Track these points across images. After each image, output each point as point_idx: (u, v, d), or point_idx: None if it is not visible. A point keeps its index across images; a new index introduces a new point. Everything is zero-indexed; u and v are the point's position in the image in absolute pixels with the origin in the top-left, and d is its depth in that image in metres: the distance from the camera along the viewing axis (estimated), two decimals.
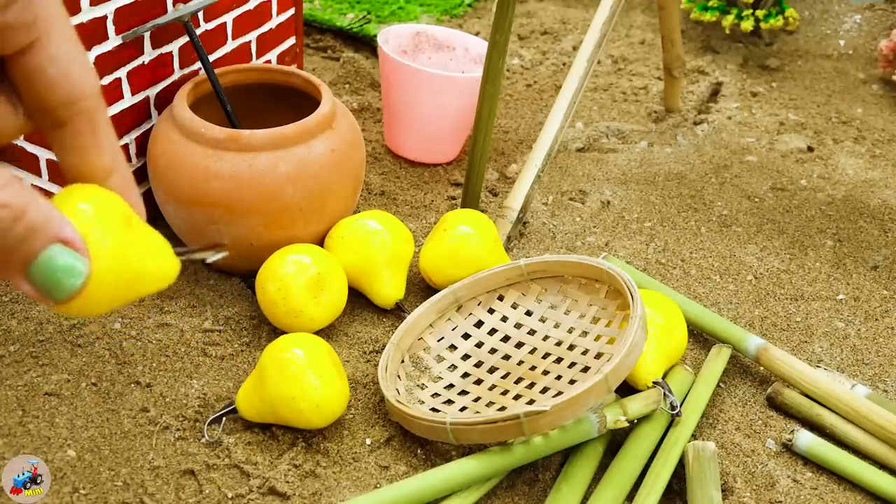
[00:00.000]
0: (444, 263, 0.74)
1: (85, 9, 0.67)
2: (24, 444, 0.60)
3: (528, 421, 0.58)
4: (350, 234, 0.73)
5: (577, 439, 0.61)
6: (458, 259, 0.73)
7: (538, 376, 0.68)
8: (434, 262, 0.75)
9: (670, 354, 0.69)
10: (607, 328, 0.69)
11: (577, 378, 0.66)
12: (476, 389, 0.68)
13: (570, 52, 1.26)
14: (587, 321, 0.71)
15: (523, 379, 0.68)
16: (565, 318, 0.72)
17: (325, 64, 1.16)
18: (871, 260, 0.89)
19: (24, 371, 0.66)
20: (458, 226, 0.75)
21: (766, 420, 0.69)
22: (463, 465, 0.59)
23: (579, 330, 0.71)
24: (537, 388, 0.66)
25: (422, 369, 0.69)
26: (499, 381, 0.68)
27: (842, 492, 0.64)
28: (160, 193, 0.72)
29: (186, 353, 0.69)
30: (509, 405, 0.64)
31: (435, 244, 0.75)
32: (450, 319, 0.73)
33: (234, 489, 0.59)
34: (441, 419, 0.60)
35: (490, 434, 0.59)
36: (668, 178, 0.99)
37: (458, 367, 0.70)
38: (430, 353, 0.71)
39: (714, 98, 1.19)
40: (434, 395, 0.67)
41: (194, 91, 0.75)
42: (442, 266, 0.74)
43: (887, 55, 1.23)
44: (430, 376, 0.69)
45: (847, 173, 1.03)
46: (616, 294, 0.70)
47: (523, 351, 0.71)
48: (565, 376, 0.67)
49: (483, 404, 0.66)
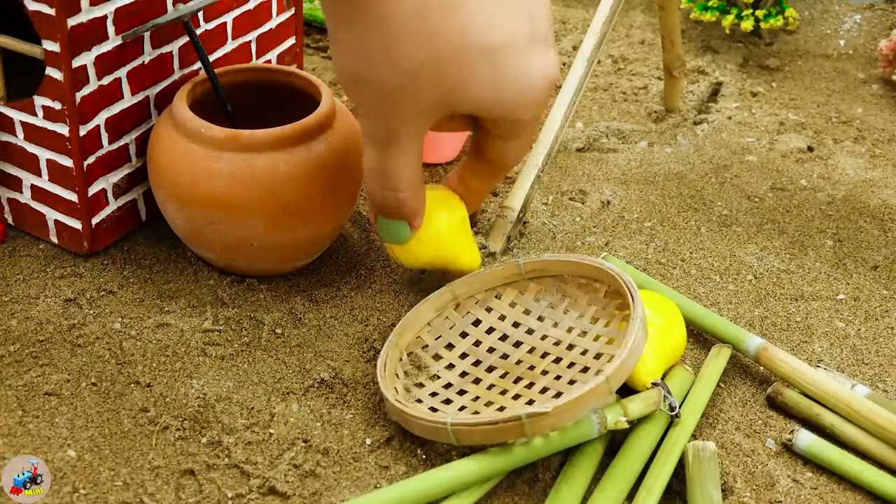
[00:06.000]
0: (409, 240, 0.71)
1: (85, 9, 0.67)
2: (24, 444, 0.60)
3: (529, 422, 0.58)
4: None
5: (577, 440, 0.61)
6: (420, 236, 0.68)
7: (537, 376, 0.68)
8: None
9: (669, 355, 0.69)
10: (606, 328, 0.69)
11: (577, 378, 0.66)
12: (474, 388, 0.68)
13: (570, 52, 1.26)
14: (586, 321, 0.71)
15: (522, 378, 0.68)
16: (564, 317, 0.72)
17: (325, 64, 1.16)
18: (871, 260, 0.89)
19: (24, 371, 0.66)
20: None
21: (766, 420, 0.69)
22: (463, 465, 0.59)
23: (578, 329, 0.71)
24: (536, 388, 0.66)
25: (420, 367, 0.69)
26: (497, 381, 0.68)
27: (842, 492, 0.64)
28: (160, 193, 0.72)
29: (186, 353, 0.69)
30: (509, 405, 0.64)
31: None
32: (447, 318, 0.73)
33: (234, 489, 0.59)
34: (442, 419, 0.60)
35: (491, 435, 0.59)
36: (668, 178, 0.99)
37: (455, 366, 0.70)
38: (428, 351, 0.71)
39: (714, 98, 1.19)
40: (432, 394, 0.67)
41: (194, 91, 0.75)
42: (406, 243, 0.70)
43: (887, 55, 1.23)
44: (427, 375, 0.69)
45: (847, 173, 1.03)
46: (615, 294, 0.70)
47: (522, 350, 0.71)
48: (564, 376, 0.66)
49: (482, 403, 0.66)
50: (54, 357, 0.67)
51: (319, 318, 0.74)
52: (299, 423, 0.64)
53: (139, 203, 0.79)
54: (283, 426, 0.64)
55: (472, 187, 0.67)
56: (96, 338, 0.70)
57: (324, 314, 0.74)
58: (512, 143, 0.61)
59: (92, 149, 0.72)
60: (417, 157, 0.60)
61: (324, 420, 0.65)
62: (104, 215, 0.76)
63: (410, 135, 0.57)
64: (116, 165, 0.75)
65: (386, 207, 0.62)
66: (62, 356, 0.68)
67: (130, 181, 0.77)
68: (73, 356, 0.68)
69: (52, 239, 0.77)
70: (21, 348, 0.68)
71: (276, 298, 0.75)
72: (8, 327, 0.70)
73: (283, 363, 0.69)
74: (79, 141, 0.71)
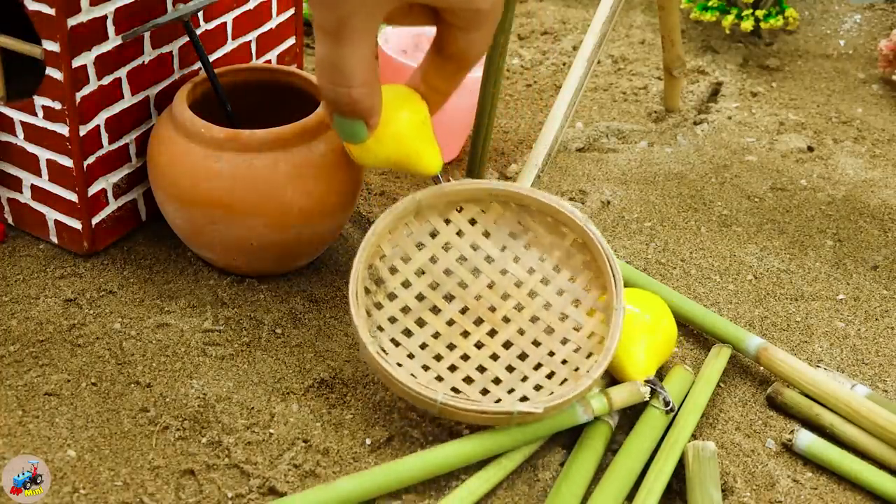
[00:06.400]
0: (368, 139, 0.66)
1: (85, 9, 0.67)
2: (24, 444, 0.60)
3: (518, 418, 0.61)
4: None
5: (565, 425, 0.63)
6: (379, 135, 0.64)
7: (498, 322, 0.68)
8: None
9: (661, 350, 0.69)
10: (571, 283, 0.69)
11: (556, 350, 0.67)
12: (434, 320, 0.68)
13: (570, 52, 1.26)
14: (549, 266, 0.70)
15: (483, 321, 0.68)
16: (525, 252, 0.71)
17: None
18: (871, 260, 0.89)
19: (24, 371, 0.66)
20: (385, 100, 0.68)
21: (766, 420, 0.69)
22: (454, 446, 0.61)
23: (540, 274, 0.70)
24: (498, 340, 0.67)
25: (377, 282, 0.68)
26: (458, 317, 0.68)
27: (842, 492, 0.64)
28: (160, 193, 0.72)
29: (186, 353, 0.69)
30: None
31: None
32: (406, 225, 0.71)
33: (234, 489, 0.59)
34: (432, 396, 0.61)
35: (478, 420, 0.61)
36: (668, 178, 0.99)
37: (412, 284, 0.69)
38: (385, 262, 0.69)
39: (714, 98, 1.19)
40: (391, 318, 0.67)
41: (194, 91, 0.75)
42: (364, 143, 0.66)
43: (887, 55, 1.23)
44: (384, 292, 0.68)
45: (847, 173, 1.03)
46: (582, 248, 0.70)
47: (481, 281, 0.70)
48: (528, 333, 0.68)
49: (444, 345, 0.67)
50: (54, 357, 0.67)
51: (319, 318, 0.74)
52: (299, 423, 0.64)
53: (139, 203, 0.79)
54: (283, 426, 0.64)
55: (435, 86, 0.63)
56: (96, 338, 0.70)
57: (324, 314, 0.74)
58: (473, 36, 0.58)
59: (92, 149, 0.72)
60: (370, 52, 0.56)
61: (324, 420, 0.65)
62: (104, 215, 0.76)
63: (362, 26, 0.54)
64: (116, 165, 0.75)
65: (339, 105, 0.58)
66: (62, 356, 0.68)
67: (130, 181, 0.77)
68: (73, 356, 0.68)
69: (52, 239, 0.77)
70: (21, 348, 0.68)
71: (276, 298, 0.75)
72: (8, 327, 0.70)
73: (283, 363, 0.69)
74: (79, 141, 0.71)
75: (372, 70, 0.57)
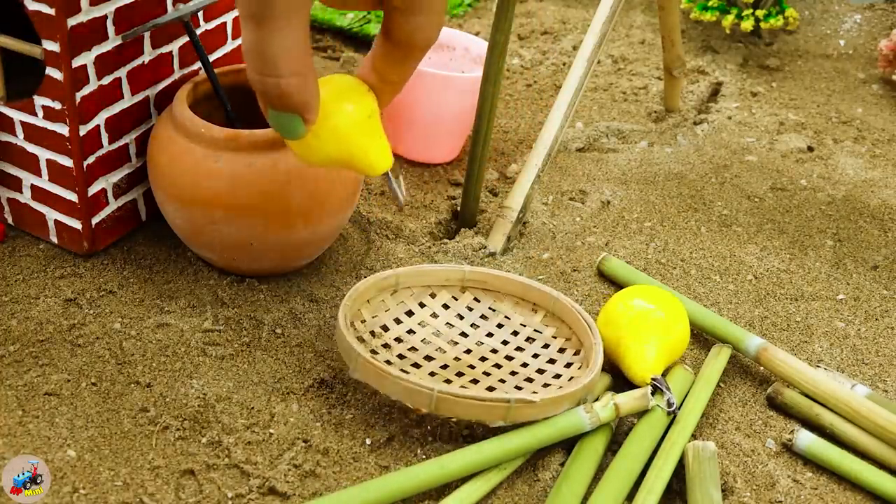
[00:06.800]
0: (307, 135, 0.61)
1: (85, 9, 0.67)
2: (24, 444, 0.60)
3: (515, 407, 0.60)
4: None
5: (570, 433, 0.63)
6: (318, 130, 0.59)
7: (479, 375, 0.68)
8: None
9: (671, 351, 0.69)
10: (546, 349, 0.71)
11: (546, 381, 0.68)
12: (416, 371, 0.68)
13: (570, 52, 1.26)
14: (522, 339, 0.72)
15: (464, 374, 0.68)
16: (498, 329, 0.73)
17: (325, 64, 1.16)
18: (871, 260, 0.89)
19: (24, 371, 0.66)
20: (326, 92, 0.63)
21: (766, 420, 0.69)
22: (459, 455, 0.60)
23: (515, 344, 0.72)
24: (482, 386, 0.67)
25: (359, 340, 0.69)
26: (438, 370, 0.68)
27: (842, 492, 0.64)
28: (160, 193, 0.72)
29: (186, 353, 0.69)
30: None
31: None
32: (383, 301, 0.73)
33: (234, 489, 0.59)
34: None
35: (473, 411, 0.60)
36: (668, 178, 0.99)
37: (391, 347, 0.70)
38: (366, 326, 0.70)
39: (714, 98, 1.19)
40: (387, 361, 0.68)
41: (194, 91, 0.75)
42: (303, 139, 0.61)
43: (887, 55, 1.23)
44: (366, 349, 0.68)
45: (847, 173, 1.03)
46: (554, 319, 0.73)
47: (459, 349, 0.71)
48: (517, 377, 0.68)
49: (441, 380, 0.67)
50: (54, 357, 0.67)
51: (319, 318, 0.74)
52: (299, 423, 0.64)
53: (139, 203, 0.79)
54: (283, 426, 0.64)
55: (385, 75, 0.58)
56: (96, 338, 0.70)
57: (324, 314, 0.74)
58: (418, 20, 0.54)
59: (92, 149, 0.72)
60: (300, 38, 0.51)
61: (324, 420, 0.65)
62: (104, 215, 0.76)
63: (288, 8, 0.49)
64: (116, 165, 0.75)
65: (269, 97, 0.53)
66: (62, 356, 0.68)
67: (130, 181, 0.77)
68: (73, 356, 0.68)
69: (52, 239, 0.77)
70: (21, 348, 0.68)
71: (276, 298, 0.75)
72: (8, 327, 0.70)
73: (283, 363, 0.69)
74: (79, 141, 0.71)
75: (302, 59, 0.52)
